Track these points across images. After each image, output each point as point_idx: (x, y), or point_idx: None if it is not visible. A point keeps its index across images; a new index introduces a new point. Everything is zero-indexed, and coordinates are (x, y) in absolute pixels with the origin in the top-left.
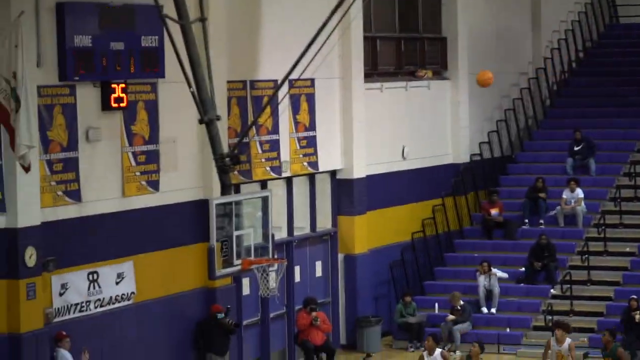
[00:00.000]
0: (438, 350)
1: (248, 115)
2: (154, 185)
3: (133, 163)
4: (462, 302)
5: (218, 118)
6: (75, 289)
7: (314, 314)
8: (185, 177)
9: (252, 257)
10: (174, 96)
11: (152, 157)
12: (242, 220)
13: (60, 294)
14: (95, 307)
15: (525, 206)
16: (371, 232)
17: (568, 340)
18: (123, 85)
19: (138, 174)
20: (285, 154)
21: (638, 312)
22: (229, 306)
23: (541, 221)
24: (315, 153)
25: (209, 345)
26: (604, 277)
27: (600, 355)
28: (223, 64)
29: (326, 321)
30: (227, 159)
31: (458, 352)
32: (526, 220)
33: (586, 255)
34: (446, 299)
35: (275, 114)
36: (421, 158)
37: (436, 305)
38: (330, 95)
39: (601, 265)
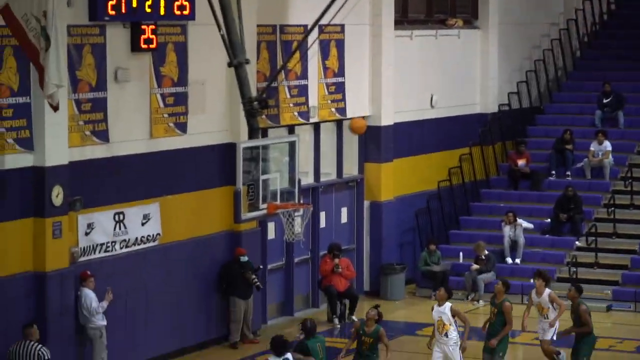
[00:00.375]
0: (448, 304)
1: (277, 59)
2: (182, 127)
3: (161, 105)
4: (486, 252)
5: (247, 61)
6: (101, 229)
7: (336, 260)
8: (213, 120)
9: (278, 202)
10: (203, 39)
11: (181, 99)
12: (269, 165)
13: (86, 234)
14: (121, 248)
15: (552, 157)
16: (397, 179)
17: (547, 291)
18: (153, 27)
19: (166, 115)
20: (313, 99)
21: None
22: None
23: (568, 173)
24: (343, 99)
25: (232, 289)
26: (629, 230)
27: (621, 308)
28: (253, 7)
29: (350, 267)
30: (256, 103)
31: (481, 302)
32: (553, 172)
33: (612, 208)
34: (471, 249)
35: (304, 59)
36: (449, 107)
37: (460, 254)
38: (360, 42)
39: (627, 219)
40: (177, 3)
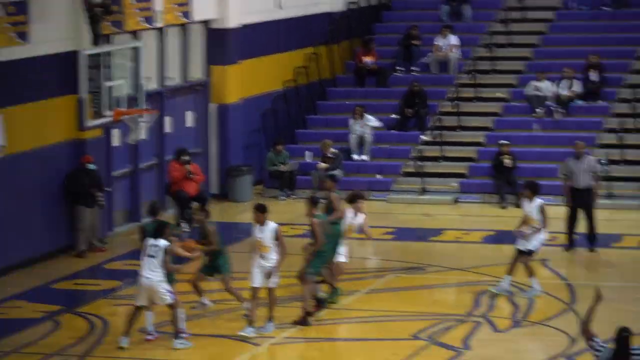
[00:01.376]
0: (272, 224)
1: None
2: (24, 36)
3: (2, 13)
4: (333, 150)
5: None
6: None
7: (188, 167)
8: (55, 28)
9: (124, 108)
10: None
11: (22, 8)
12: (114, 72)
13: None
14: None
15: (398, 53)
16: (244, 81)
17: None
18: None
19: (7, 25)
20: (158, 3)
21: (507, 156)
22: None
23: (413, 68)
24: (189, 2)
25: (78, 198)
26: (474, 122)
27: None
28: None
29: (199, 172)
30: (98, 9)
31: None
32: (398, 68)
33: (456, 102)
34: (318, 147)
35: None
36: (297, 7)
37: (306, 153)
38: None
39: (472, 111)
40: None
